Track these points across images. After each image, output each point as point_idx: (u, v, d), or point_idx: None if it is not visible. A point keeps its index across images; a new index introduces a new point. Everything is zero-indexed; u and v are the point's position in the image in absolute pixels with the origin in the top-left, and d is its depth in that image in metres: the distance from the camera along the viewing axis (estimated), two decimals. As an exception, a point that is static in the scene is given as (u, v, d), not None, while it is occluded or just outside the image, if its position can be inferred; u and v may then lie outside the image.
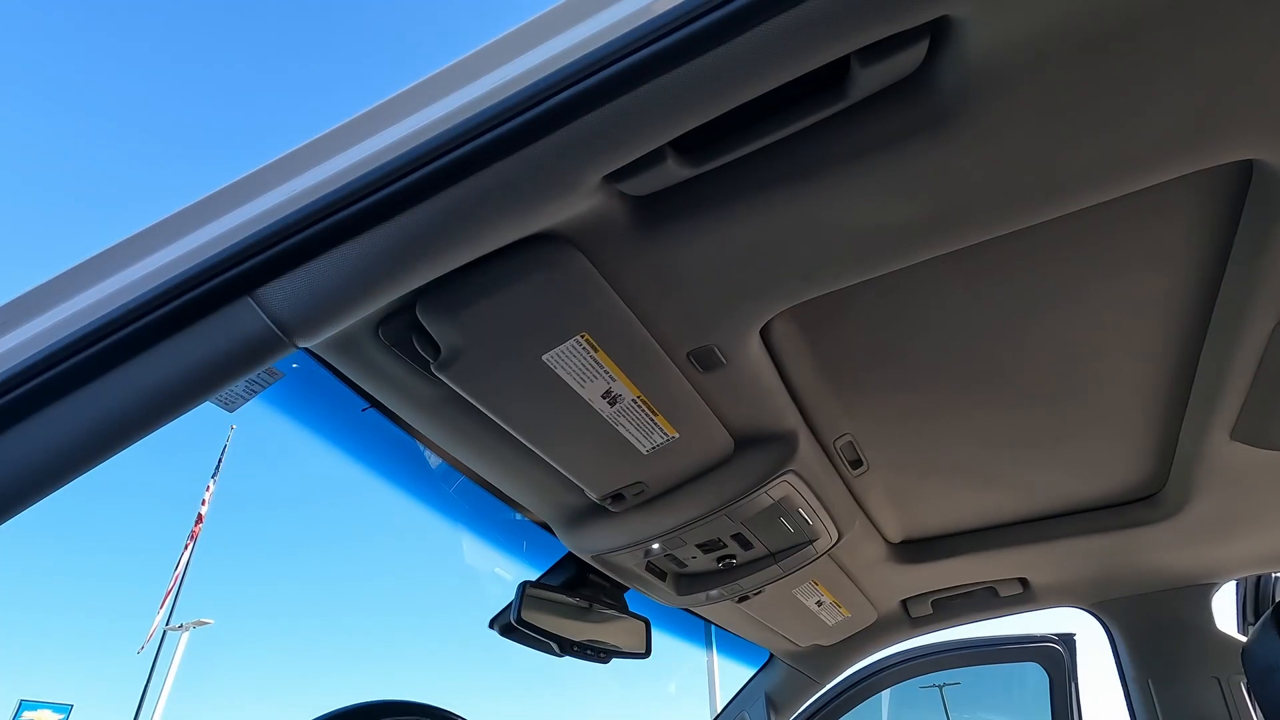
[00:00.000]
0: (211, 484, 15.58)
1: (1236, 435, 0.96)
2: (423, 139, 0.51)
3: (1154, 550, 1.33)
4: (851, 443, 1.03)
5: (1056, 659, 1.85)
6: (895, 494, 1.20)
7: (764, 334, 0.79)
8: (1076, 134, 0.57)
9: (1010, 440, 1.07)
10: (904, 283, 0.77)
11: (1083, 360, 0.90)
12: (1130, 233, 0.73)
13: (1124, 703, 1.52)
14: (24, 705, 15.71)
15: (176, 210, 0.56)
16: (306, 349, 0.67)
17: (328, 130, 0.55)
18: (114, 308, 0.50)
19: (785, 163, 0.60)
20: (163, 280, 0.51)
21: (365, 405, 0.81)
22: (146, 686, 14.14)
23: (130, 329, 0.49)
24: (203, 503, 15.29)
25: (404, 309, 0.66)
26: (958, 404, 0.98)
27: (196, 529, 15.02)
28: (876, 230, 0.64)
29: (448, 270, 0.56)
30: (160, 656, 14.81)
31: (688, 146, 0.58)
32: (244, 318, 0.50)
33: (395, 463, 1.13)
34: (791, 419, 0.93)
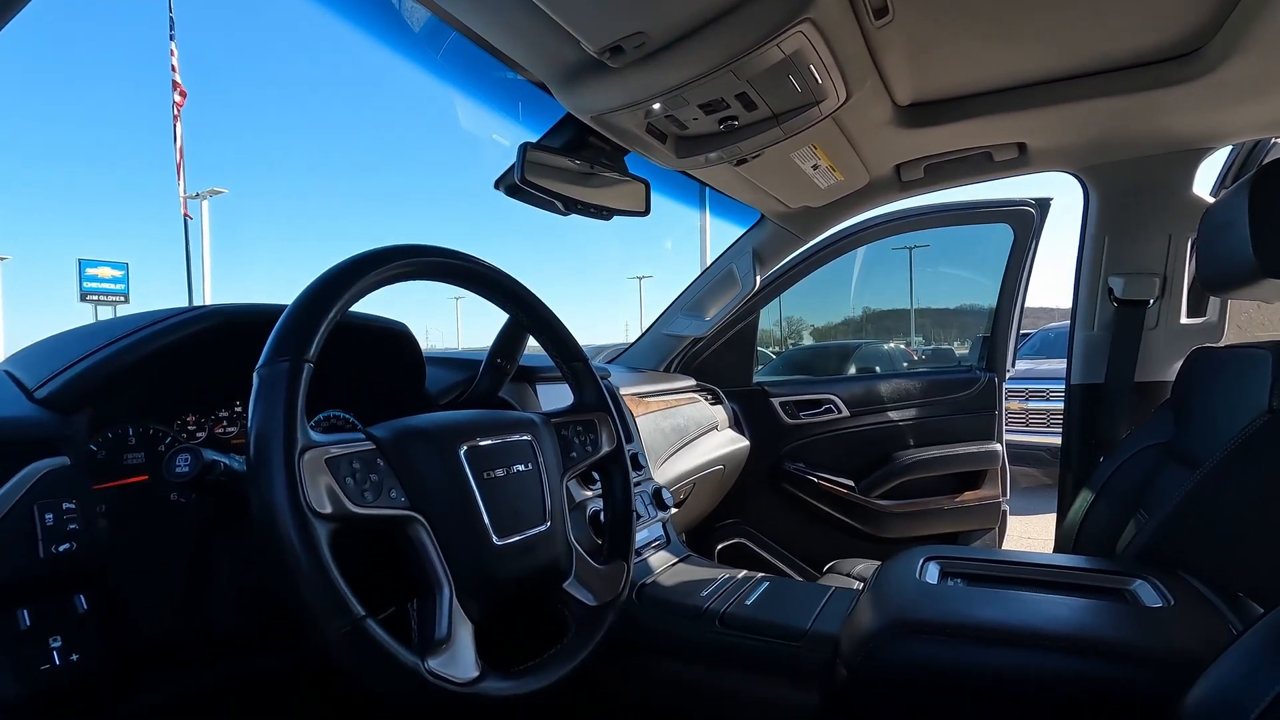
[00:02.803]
0: (173, 46, 14.34)
1: None
2: None
3: (1167, 113, 1.31)
4: None
5: (1027, 220, 1.99)
6: (914, 48, 1.11)
7: None
8: None
9: None
10: None
11: None
12: None
13: (1074, 258, 1.69)
14: (85, 264, 17.43)
15: None
16: None
17: None
18: None
19: None
20: None
21: None
22: (187, 247, 15.57)
23: None
24: (173, 69, 14.32)
25: None
26: None
27: (179, 100, 14.41)
28: None
29: None
30: (190, 223, 15.94)
31: None
32: None
33: (376, 23, 1.03)
34: None
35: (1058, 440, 1.79)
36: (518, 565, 0.73)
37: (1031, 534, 3.75)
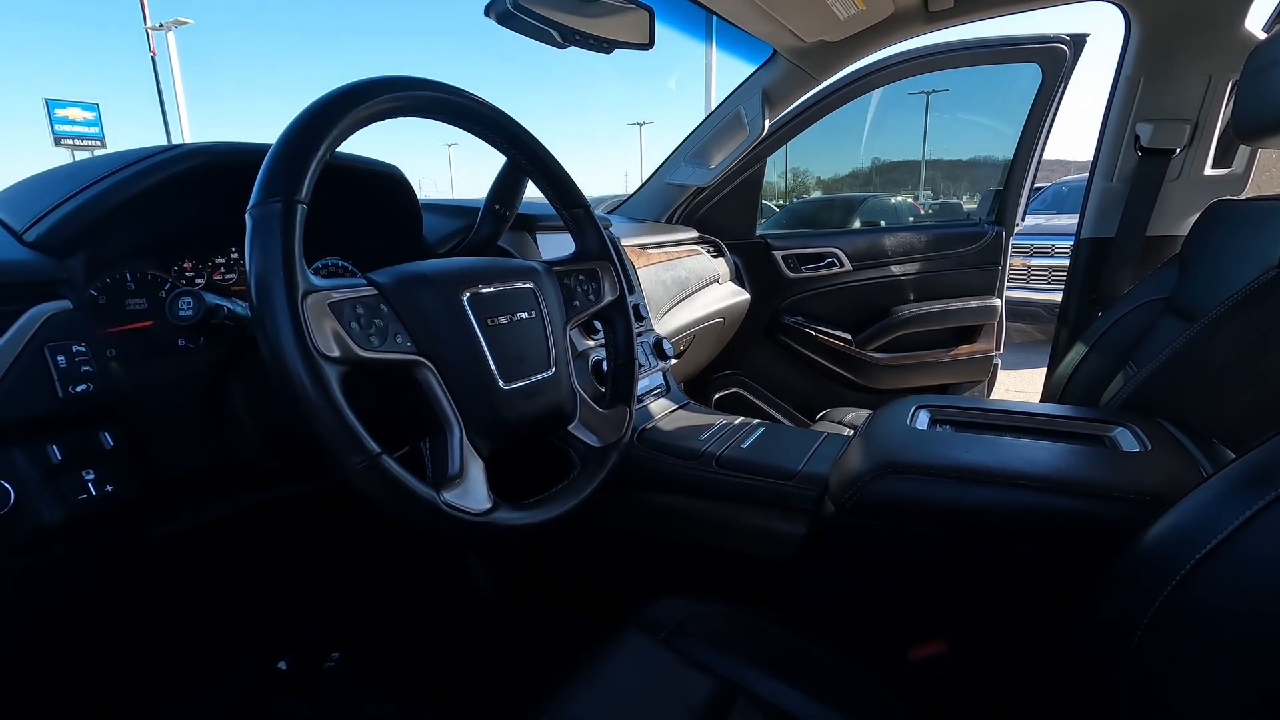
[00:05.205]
0: None
1: None
2: None
3: None
4: None
5: (1059, 59, 1.85)
6: None
7: None
8: None
9: None
10: None
11: None
12: None
13: (1104, 102, 1.59)
14: (53, 104, 16.41)
15: None
16: None
17: None
18: None
19: None
20: None
21: None
22: (157, 81, 14.62)
23: None
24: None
25: None
26: None
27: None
28: None
29: None
30: (159, 59, 14.87)
31: None
32: None
33: None
34: None
35: (1057, 297, 1.78)
36: (524, 408, 0.76)
37: (1018, 387, 3.87)
